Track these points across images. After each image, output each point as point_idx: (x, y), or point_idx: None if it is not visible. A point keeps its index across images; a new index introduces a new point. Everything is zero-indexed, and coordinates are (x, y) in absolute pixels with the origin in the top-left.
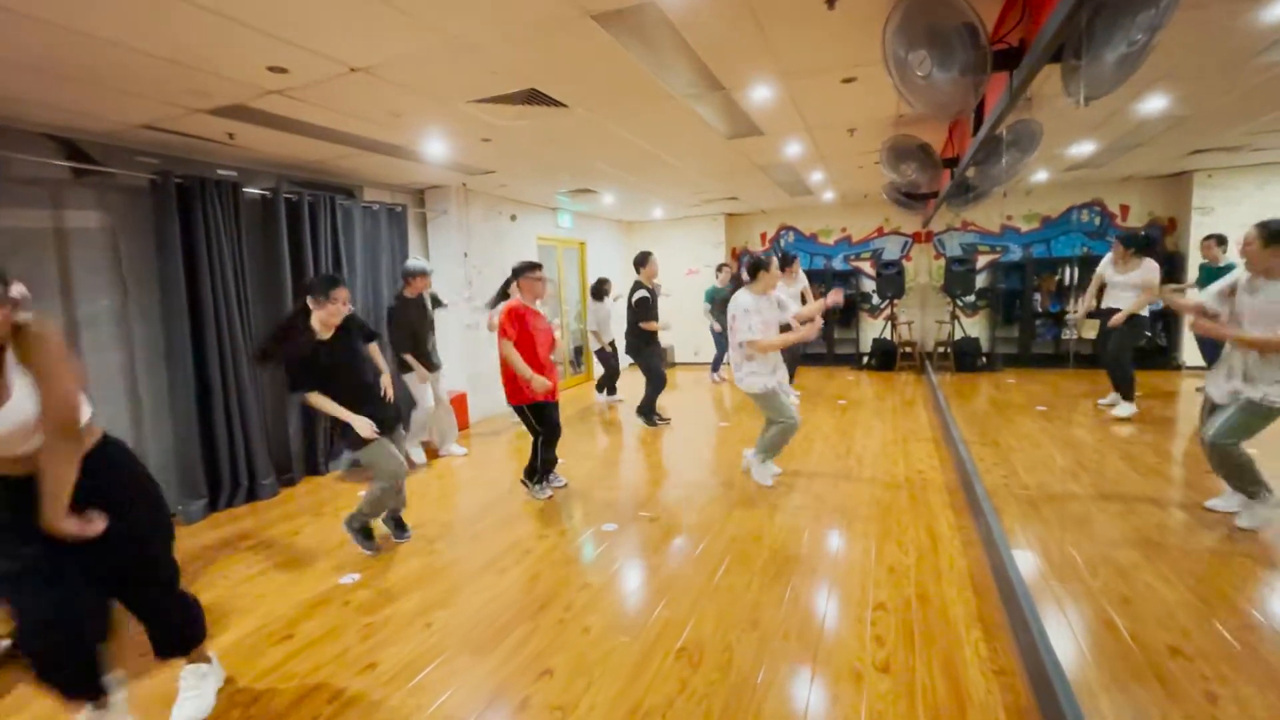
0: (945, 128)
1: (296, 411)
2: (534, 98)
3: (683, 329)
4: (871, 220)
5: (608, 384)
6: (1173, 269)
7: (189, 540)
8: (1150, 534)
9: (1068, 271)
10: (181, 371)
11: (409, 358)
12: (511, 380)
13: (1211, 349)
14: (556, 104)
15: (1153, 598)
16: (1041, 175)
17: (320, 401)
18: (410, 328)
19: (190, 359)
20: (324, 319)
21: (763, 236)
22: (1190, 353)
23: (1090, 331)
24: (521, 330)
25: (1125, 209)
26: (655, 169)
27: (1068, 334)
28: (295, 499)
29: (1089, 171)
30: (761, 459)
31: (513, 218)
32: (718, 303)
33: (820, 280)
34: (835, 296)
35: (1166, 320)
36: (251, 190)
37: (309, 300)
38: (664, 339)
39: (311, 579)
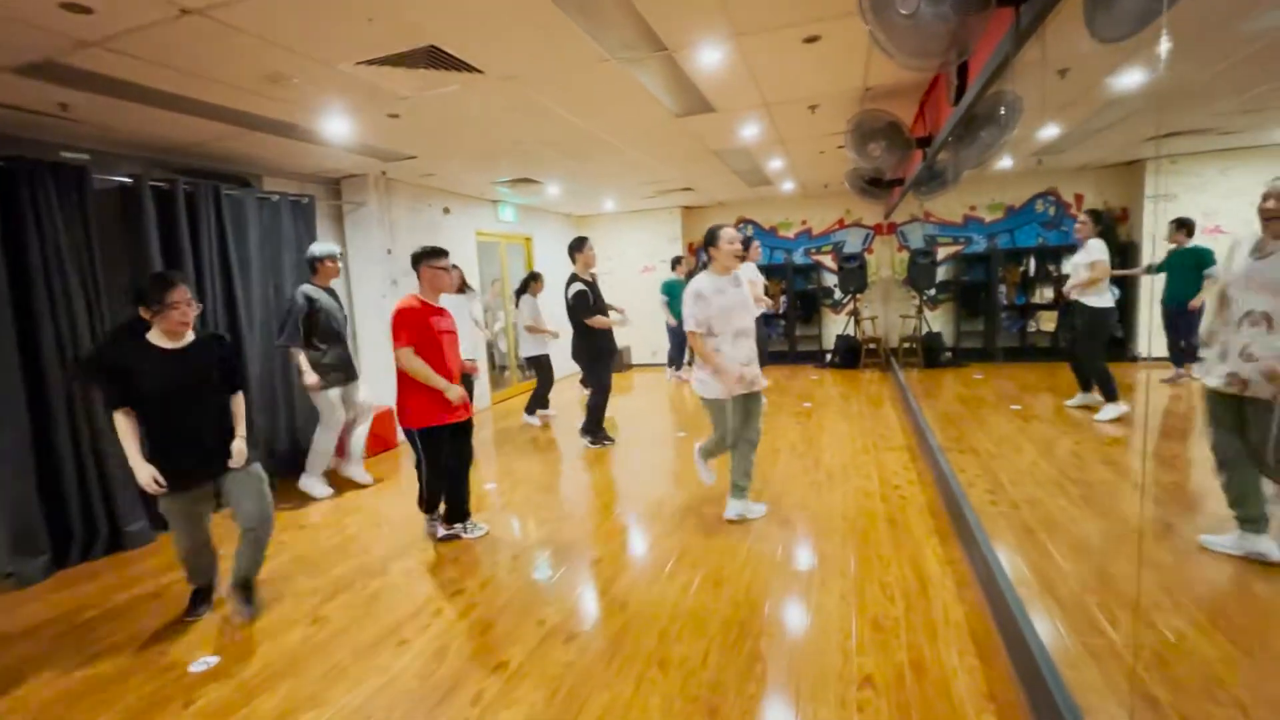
0: (915, 103)
1: None
2: (437, 59)
3: (640, 328)
4: (832, 212)
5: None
6: (1125, 260)
7: (10, 615)
8: (1161, 560)
9: (1032, 262)
10: (7, 396)
11: (301, 359)
12: (410, 398)
13: (1183, 350)
14: (467, 68)
15: (1191, 655)
16: (1007, 162)
17: (120, 426)
18: (324, 326)
19: (19, 379)
20: (167, 329)
21: None
22: (1149, 344)
23: (1049, 324)
24: (423, 333)
25: (1079, 198)
26: (598, 153)
27: (1033, 326)
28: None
29: (1046, 159)
30: (701, 455)
31: (446, 210)
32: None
33: (781, 275)
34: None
35: (1123, 310)
36: (108, 177)
37: (142, 311)
38: (620, 339)
39: (153, 667)
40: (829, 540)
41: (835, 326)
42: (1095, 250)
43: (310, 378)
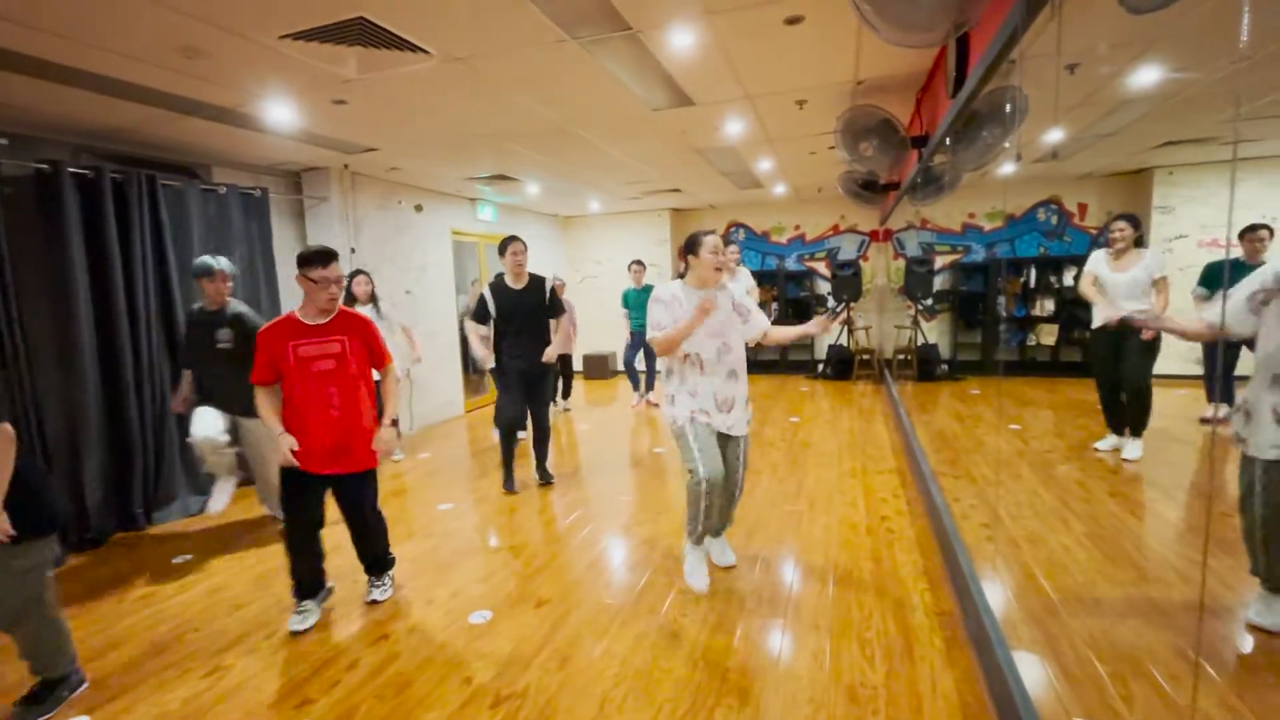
0: (911, 99)
1: (97, 443)
2: (371, 34)
3: (623, 334)
4: (826, 217)
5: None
6: None
7: None
8: (1174, 617)
9: (1033, 273)
10: None
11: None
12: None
13: (1222, 381)
14: (410, 47)
15: None
16: (1009, 167)
17: None
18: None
19: None
20: None
21: None
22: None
23: (1049, 337)
24: (279, 362)
25: (1083, 207)
26: (572, 149)
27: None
28: (83, 573)
29: (1050, 166)
30: (687, 544)
31: (418, 207)
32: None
33: (772, 282)
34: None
35: None
36: (21, 162)
37: None
38: (605, 345)
39: None
40: (805, 583)
41: (828, 336)
42: (1158, 263)
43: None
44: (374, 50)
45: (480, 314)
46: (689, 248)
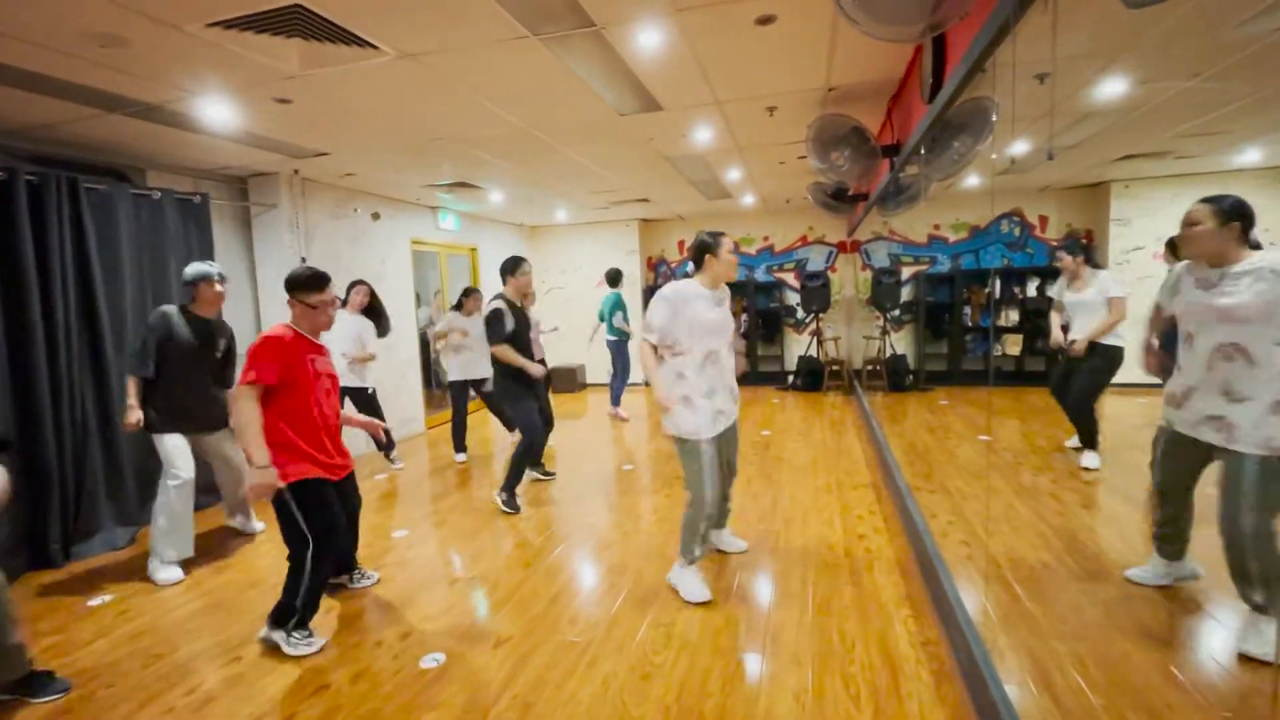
0: (882, 107)
1: (7, 471)
2: (310, 24)
3: (597, 345)
4: (795, 228)
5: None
6: None
7: None
8: (1156, 633)
9: (997, 284)
10: None
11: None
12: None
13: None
14: (356, 41)
15: None
16: (973, 179)
17: None
18: (182, 362)
19: None
20: None
21: (680, 244)
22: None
23: (1014, 347)
24: (294, 371)
25: (1044, 220)
26: (536, 155)
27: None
28: None
29: (1010, 179)
30: (681, 563)
31: (375, 216)
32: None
33: (742, 293)
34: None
35: None
36: None
37: None
38: (574, 358)
39: None
40: (783, 609)
41: (798, 347)
42: (1112, 284)
43: (132, 414)
44: (318, 44)
45: (503, 332)
46: (707, 248)
